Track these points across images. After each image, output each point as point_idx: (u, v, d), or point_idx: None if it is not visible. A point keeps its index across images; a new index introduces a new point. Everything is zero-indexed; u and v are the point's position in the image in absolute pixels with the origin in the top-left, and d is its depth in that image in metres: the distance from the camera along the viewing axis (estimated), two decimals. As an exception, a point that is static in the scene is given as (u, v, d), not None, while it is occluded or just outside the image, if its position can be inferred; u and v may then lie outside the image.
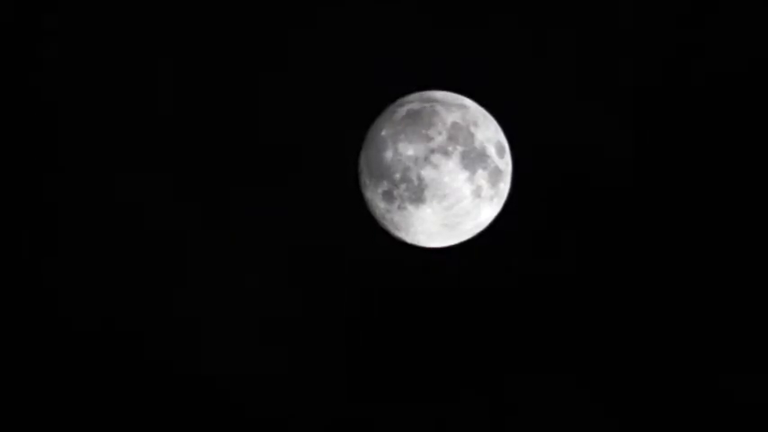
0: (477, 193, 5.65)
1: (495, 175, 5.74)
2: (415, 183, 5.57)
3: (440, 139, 5.59)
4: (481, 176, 5.65)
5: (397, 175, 5.61)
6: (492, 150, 5.74)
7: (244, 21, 6.48)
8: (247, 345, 6.58)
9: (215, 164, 6.54)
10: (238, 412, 6.57)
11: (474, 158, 5.63)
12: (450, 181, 5.56)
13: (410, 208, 5.66)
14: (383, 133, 5.74)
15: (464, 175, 5.58)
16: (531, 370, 6.55)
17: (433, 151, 5.56)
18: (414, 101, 5.85)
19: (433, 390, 6.55)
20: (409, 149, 5.58)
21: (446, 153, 5.56)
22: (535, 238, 6.49)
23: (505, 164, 5.87)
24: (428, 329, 6.52)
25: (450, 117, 5.68)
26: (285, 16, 6.46)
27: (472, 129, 5.70)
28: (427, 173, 5.54)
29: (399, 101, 5.95)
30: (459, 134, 5.63)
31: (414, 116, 5.69)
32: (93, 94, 6.52)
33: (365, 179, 5.88)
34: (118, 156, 6.53)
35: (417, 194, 5.59)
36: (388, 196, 5.72)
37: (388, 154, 5.65)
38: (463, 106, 5.82)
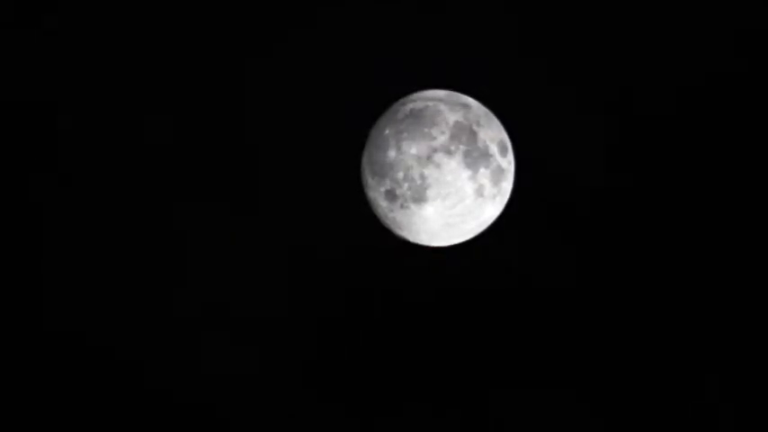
0: (479, 192, 5.66)
1: (498, 173, 5.75)
2: (418, 182, 5.57)
3: (442, 138, 5.59)
4: (484, 175, 5.66)
5: (400, 174, 5.62)
6: (495, 149, 5.74)
7: (245, 21, 6.49)
8: (247, 345, 6.57)
9: (217, 163, 6.53)
10: (239, 412, 6.56)
11: (477, 157, 5.63)
12: (452, 180, 5.56)
13: (413, 207, 5.66)
14: (386, 132, 5.75)
15: (467, 173, 5.59)
16: (534, 369, 6.55)
17: (435, 150, 5.56)
18: (416, 100, 5.85)
19: (435, 389, 6.56)
20: (412, 148, 5.58)
21: (449, 152, 5.57)
22: (538, 237, 6.49)
23: (508, 163, 5.88)
24: (430, 329, 6.53)
25: (453, 116, 5.69)
26: (286, 16, 6.47)
27: (475, 128, 5.71)
28: (430, 172, 5.54)
29: (402, 100, 5.95)
30: (462, 133, 5.64)
31: (416, 115, 5.69)
32: (91, 93, 6.51)
33: (368, 178, 5.88)
34: (122, 156, 6.52)
35: (420, 193, 5.59)
36: (391, 195, 5.72)
37: (391, 153, 5.65)
38: (466, 105, 5.83)
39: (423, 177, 5.55)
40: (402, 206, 5.70)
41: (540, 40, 6.46)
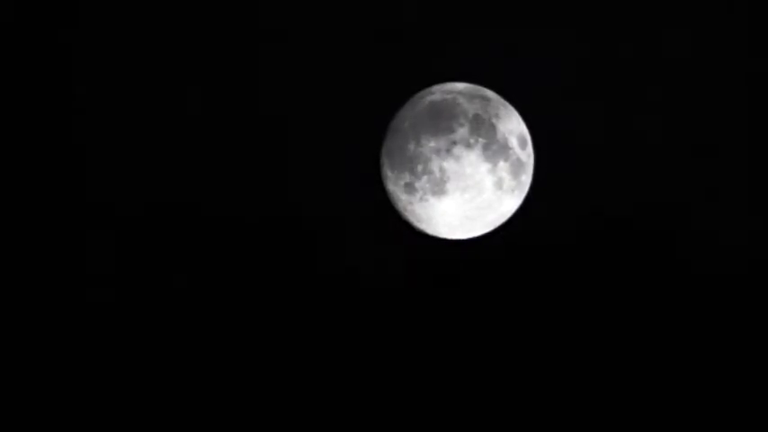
0: (498, 184, 5.64)
1: (517, 166, 5.73)
2: (437, 175, 5.57)
3: (462, 131, 5.58)
4: (503, 168, 5.64)
5: (419, 167, 5.62)
6: (514, 142, 5.73)
7: (267, 11, 6.50)
8: (266, 335, 6.58)
9: (233, 161, 6.56)
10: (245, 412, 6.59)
11: (496, 150, 5.62)
12: (471, 173, 5.55)
13: (432, 200, 5.66)
14: (405, 125, 5.75)
15: (486, 166, 5.58)
16: (549, 362, 6.55)
17: (454, 143, 5.56)
18: (436, 93, 5.85)
19: (451, 380, 6.56)
20: (431, 141, 5.58)
21: (468, 145, 5.56)
22: (557, 229, 6.48)
23: (527, 156, 5.86)
24: (449, 321, 6.53)
25: (472, 109, 5.68)
26: (308, 5, 6.48)
27: (494, 121, 5.69)
28: (449, 165, 5.54)
29: (421, 93, 5.94)
30: (482, 126, 5.63)
31: (436, 108, 5.69)
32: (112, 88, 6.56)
33: (387, 171, 5.88)
34: (136, 153, 6.57)
35: (439, 186, 5.58)
36: (410, 188, 5.72)
37: (410, 146, 5.65)
38: (485, 98, 5.82)
39: (442, 170, 5.55)
40: (421, 199, 5.70)
41: (560, 34, 6.45)
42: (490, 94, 5.90)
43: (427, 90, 5.94)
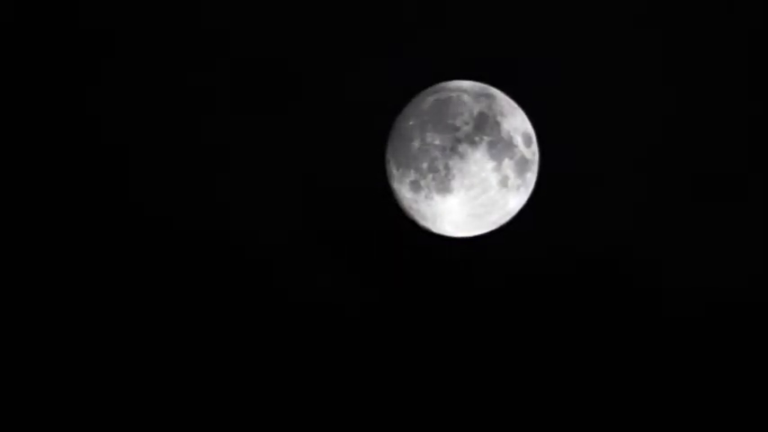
0: (503, 182, 5.65)
1: (522, 164, 5.74)
2: (442, 173, 5.57)
3: (466, 129, 5.59)
4: (508, 166, 5.65)
5: (424, 165, 5.62)
6: (519, 140, 5.74)
7: (266, 15, 6.51)
8: (271, 333, 6.57)
9: (233, 161, 6.55)
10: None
11: (501, 148, 5.63)
12: (477, 171, 5.55)
13: (437, 198, 5.66)
14: (410, 123, 5.75)
15: (491, 164, 5.58)
16: (555, 361, 6.55)
17: (459, 141, 5.56)
18: (440, 91, 5.85)
19: (456, 380, 6.56)
20: (436, 139, 5.58)
21: (473, 143, 5.56)
22: (562, 227, 6.49)
23: (532, 153, 5.87)
24: (453, 319, 6.53)
25: (477, 107, 5.69)
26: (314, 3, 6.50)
27: (499, 118, 5.70)
28: (454, 163, 5.54)
29: (426, 90, 5.95)
30: (486, 124, 5.63)
31: (441, 106, 5.69)
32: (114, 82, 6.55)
33: (392, 169, 5.88)
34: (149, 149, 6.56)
35: (444, 184, 5.58)
36: (415, 186, 5.72)
37: (415, 144, 5.65)
38: (490, 96, 5.82)
39: (447, 168, 5.55)
40: (426, 197, 5.70)
41: (565, 31, 6.47)
42: (495, 91, 5.90)
43: (432, 88, 5.94)
